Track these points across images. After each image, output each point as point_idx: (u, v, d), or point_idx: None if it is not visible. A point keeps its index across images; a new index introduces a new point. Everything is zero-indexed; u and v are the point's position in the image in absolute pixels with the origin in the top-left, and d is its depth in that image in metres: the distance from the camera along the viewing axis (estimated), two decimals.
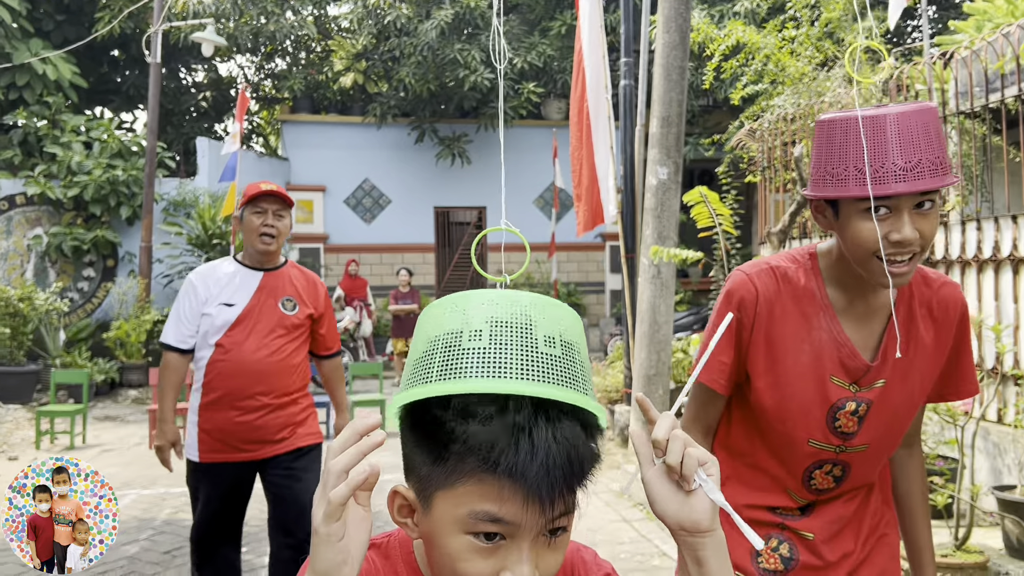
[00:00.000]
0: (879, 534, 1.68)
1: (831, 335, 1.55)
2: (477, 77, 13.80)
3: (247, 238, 3.21)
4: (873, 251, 1.42)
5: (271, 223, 3.19)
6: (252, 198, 3.20)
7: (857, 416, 1.56)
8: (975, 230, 5.10)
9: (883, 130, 1.38)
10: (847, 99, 6.81)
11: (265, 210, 3.19)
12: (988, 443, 4.82)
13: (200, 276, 3.26)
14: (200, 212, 11.93)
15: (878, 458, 1.63)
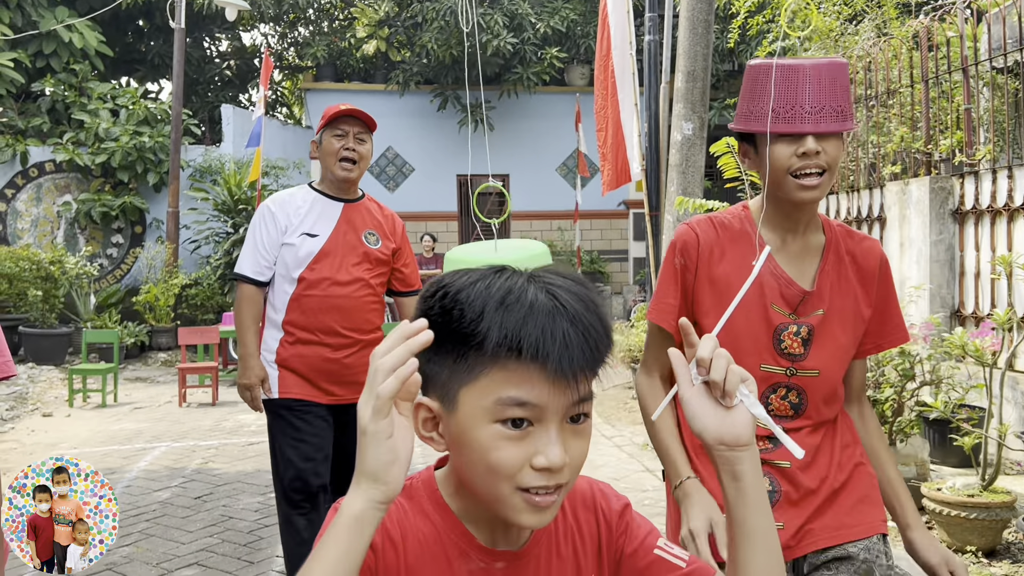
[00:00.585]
0: (854, 462, 1.75)
1: (768, 269, 1.70)
2: (500, 42, 13.71)
3: (326, 163, 2.95)
4: (787, 168, 1.61)
5: (352, 146, 2.92)
6: (331, 119, 2.93)
7: (800, 338, 1.69)
8: (1006, 178, 5.02)
9: (798, 77, 1.60)
10: (876, 54, 6.70)
11: (346, 132, 2.92)
12: (1017, 393, 4.78)
13: (278, 203, 2.98)
14: (226, 178, 12.01)
15: (829, 387, 1.72)
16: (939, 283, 5.49)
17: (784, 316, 1.70)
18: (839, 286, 1.72)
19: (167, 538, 4.23)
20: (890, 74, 6.24)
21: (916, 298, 5.50)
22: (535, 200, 16.85)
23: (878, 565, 1.70)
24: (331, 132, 2.94)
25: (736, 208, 1.82)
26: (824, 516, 1.72)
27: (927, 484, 3.73)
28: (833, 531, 1.71)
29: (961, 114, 5.53)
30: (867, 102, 6.56)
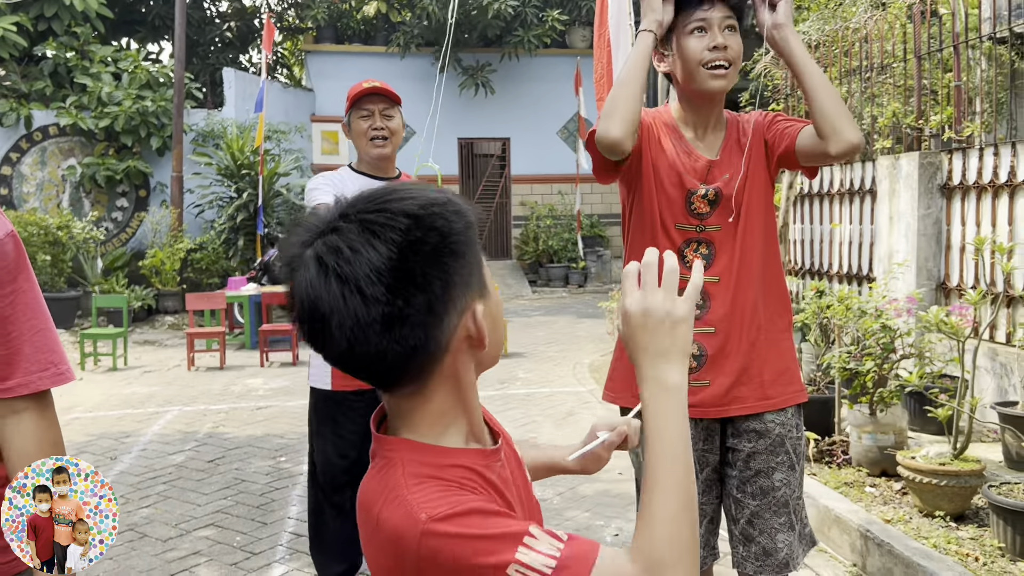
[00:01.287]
0: (779, 333, 2.12)
1: (682, 147, 2.10)
2: (500, 4, 13.69)
3: (358, 144, 2.97)
4: (699, 61, 1.97)
5: (380, 124, 2.92)
6: (355, 100, 2.93)
7: (707, 199, 2.07)
8: (992, 156, 5.16)
9: None
10: (872, 25, 6.77)
11: (371, 112, 2.93)
12: (996, 364, 4.98)
13: (329, 179, 2.96)
14: (228, 143, 12.11)
15: (741, 240, 2.07)
16: (926, 256, 5.65)
17: (694, 182, 2.07)
18: (737, 151, 2.09)
19: (184, 500, 4.46)
20: (884, 47, 6.33)
21: (901, 273, 5.67)
22: (536, 164, 16.94)
23: (789, 437, 2.08)
24: (357, 113, 2.94)
25: (660, 108, 2.22)
26: (750, 383, 2.06)
27: (902, 452, 3.94)
28: (757, 400, 2.05)
29: (952, 90, 5.65)
30: (863, 73, 6.65)
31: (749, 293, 2.07)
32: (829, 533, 3.74)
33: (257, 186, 11.47)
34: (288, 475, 4.86)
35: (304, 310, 0.91)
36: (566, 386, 7.22)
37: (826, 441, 4.60)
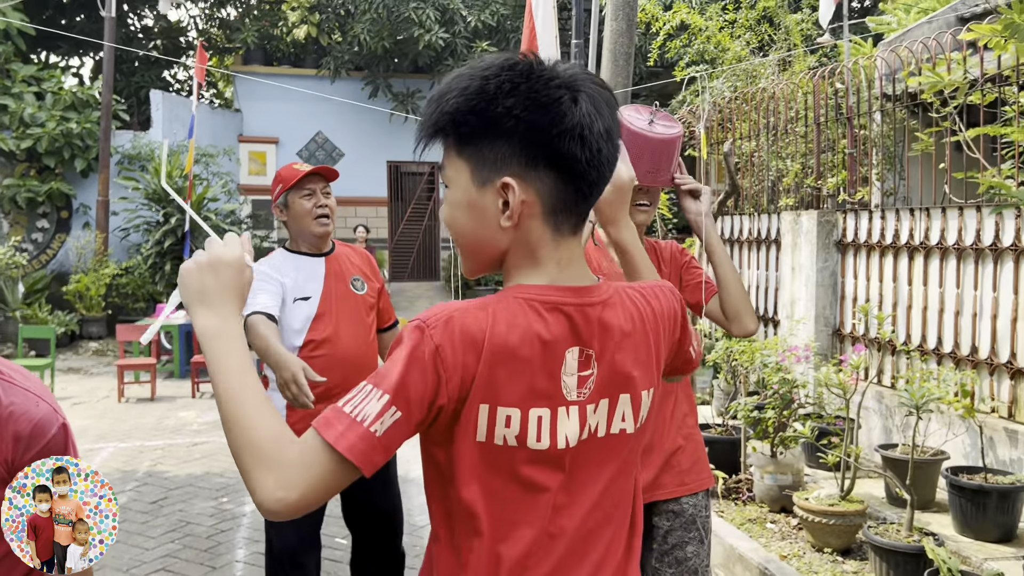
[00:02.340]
0: (691, 430, 2.48)
1: (610, 269, 2.36)
2: (432, 36, 14.02)
3: (300, 224, 2.97)
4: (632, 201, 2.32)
5: (323, 203, 2.98)
6: (297, 182, 2.95)
7: None
8: (879, 219, 5.76)
9: (646, 143, 2.22)
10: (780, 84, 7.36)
11: (313, 191, 2.97)
12: (882, 405, 5.56)
13: (268, 265, 2.95)
14: (156, 167, 12.09)
15: None
16: (823, 305, 6.23)
17: None
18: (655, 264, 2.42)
19: (131, 544, 4.63)
20: (787, 114, 6.93)
21: (802, 323, 6.24)
22: None
23: (699, 516, 2.45)
24: (297, 193, 2.96)
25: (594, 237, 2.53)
26: (670, 472, 2.40)
27: (798, 493, 4.43)
28: (676, 486, 2.40)
29: (846, 157, 6.25)
30: (770, 131, 7.24)
31: (670, 400, 2.44)
32: (734, 569, 4.19)
33: (185, 211, 11.49)
34: (232, 516, 5.07)
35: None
36: None
37: (733, 479, 5.09)
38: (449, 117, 1.12)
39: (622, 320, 1.17)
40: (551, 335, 1.10)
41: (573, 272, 1.15)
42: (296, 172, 2.99)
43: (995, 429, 4.68)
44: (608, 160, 1.12)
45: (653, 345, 1.21)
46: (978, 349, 4.95)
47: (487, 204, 1.11)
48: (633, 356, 1.17)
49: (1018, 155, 4.71)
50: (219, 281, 1.14)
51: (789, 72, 7.62)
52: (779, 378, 4.71)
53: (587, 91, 1.10)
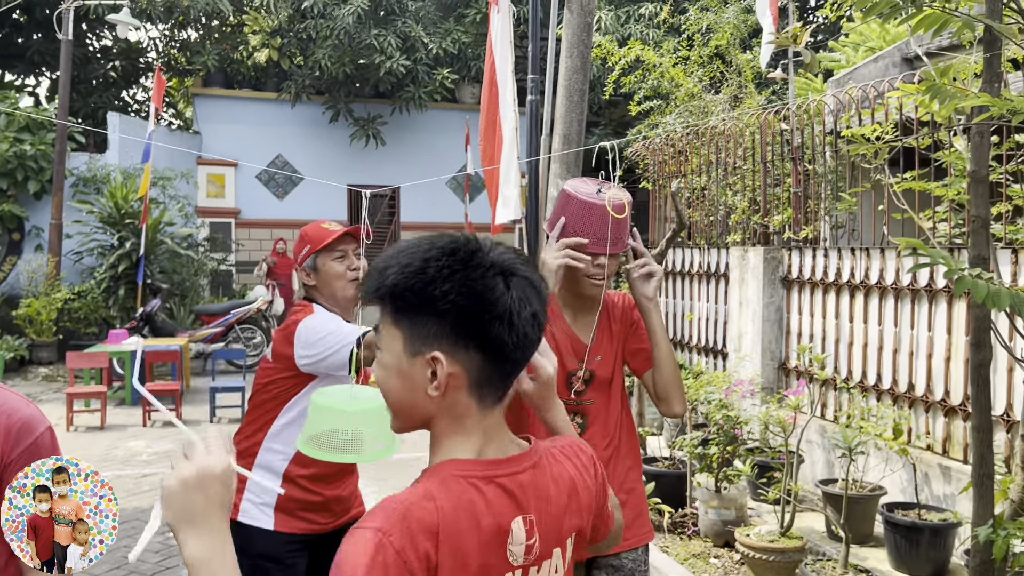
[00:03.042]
0: (633, 485, 2.52)
1: (564, 331, 2.49)
2: (393, 63, 14.11)
3: (332, 287, 2.75)
4: (584, 272, 2.37)
5: (357, 265, 2.79)
6: (329, 244, 2.75)
7: (584, 380, 2.48)
8: (823, 257, 5.93)
9: (598, 212, 2.33)
10: (731, 121, 7.55)
11: (345, 252, 2.78)
12: (825, 439, 5.70)
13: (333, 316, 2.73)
14: (112, 190, 11.97)
15: (607, 410, 2.48)
16: (769, 339, 6.38)
17: (574, 363, 2.46)
18: (608, 336, 2.51)
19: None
20: (736, 152, 7.11)
21: (748, 358, 6.37)
22: (425, 212, 17.36)
23: (638, 570, 2.49)
24: (330, 256, 2.75)
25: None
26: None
27: (740, 529, 4.53)
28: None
29: (791, 196, 6.43)
30: (718, 168, 7.42)
31: (613, 454, 2.48)
32: None
33: (140, 235, 11.39)
34: (176, 552, 5.02)
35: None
36: None
37: (679, 513, 5.17)
38: (388, 290, 1.17)
39: (550, 480, 1.24)
40: (495, 510, 1.15)
41: (500, 439, 1.22)
42: (327, 232, 2.77)
43: (930, 465, 4.82)
44: (533, 342, 1.19)
45: (583, 500, 1.29)
46: (914, 386, 5.11)
47: (416, 373, 1.16)
48: (564, 512, 1.25)
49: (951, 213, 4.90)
50: (207, 498, 1.12)
51: (739, 109, 7.82)
52: (722, 414, 4.81)
53: (520, 276, 1.18)
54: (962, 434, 4.73)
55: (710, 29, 8.79)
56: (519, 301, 1.16)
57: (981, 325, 2.79)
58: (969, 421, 4.67)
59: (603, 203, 2.33)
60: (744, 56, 8.62)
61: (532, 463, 1.22)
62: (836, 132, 6.43)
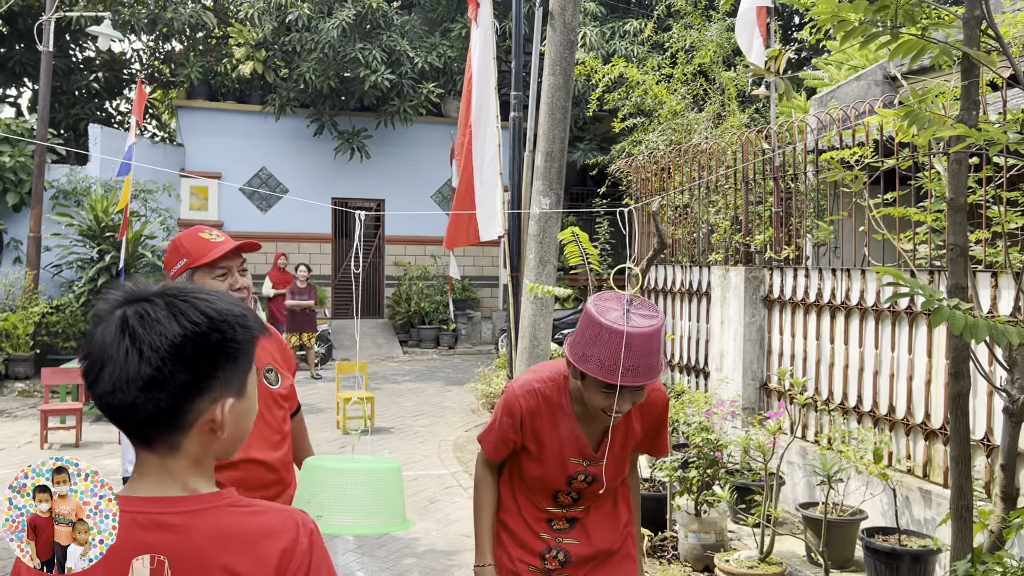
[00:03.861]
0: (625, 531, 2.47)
1: (571, 431, 2.33)
2: (377, 77, 14.07)
3: None
4: (601, 408, 2.19)
5: (241, 284, 2.45)
6: (210, 262, 2.40)
7: (585, 482, 2.36)
8: (804, 277, 5.91)
9: (621, 339, 2.06)
10: (713, 140, 7.54)
11: (228, 269, 2.43)
12: (806, 461, 5.66)
13: None
14: (92, 203, 11.85)
15: (599, 512, 2.40)
16: (751, 359, 6.35)
17: (579, 465, 2.34)
18: (623, 440, 2.33)
19: None
20: (718, 170, 7.10)
21: (730, 378, 6.34)
22: (410, 226, 17.30)
23: None
24: (210, 273, 2.41)
25: (559, 375, 2.36)
26: (601, 570, 2.40)
27: (719, 554, 4.48)
28: None
29: (773, 215, 6.42)
30: (700, 187, 7.41)
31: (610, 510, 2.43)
32: None
33: (120, 248, 11.27)
34: None
35: (92, 352, 1.15)
36: (430, 468, 7.52)
37: (659, 537, 5.11)
38: None
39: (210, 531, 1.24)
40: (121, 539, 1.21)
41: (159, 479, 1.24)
42: (208, 246, 2.41)
43: (911, 489, 4.79)
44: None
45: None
46: (895, 409, 5.08)
47: None
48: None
49: (931, 234, 4.88)
50: None
51: (722, 127, 7.82)
52: (702, 437, 4.77)
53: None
54: (942, 458, 4.70)
55: (693, 47, 8.80)
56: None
57: (960, 355, 2.76)
58: (949, 445, 4.64)
59: (630, 329, 2.06)
60: (727, 74, 8.64)
61: (190, 509, 1.19)
62: (817, 151, 6.43)
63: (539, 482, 2.37)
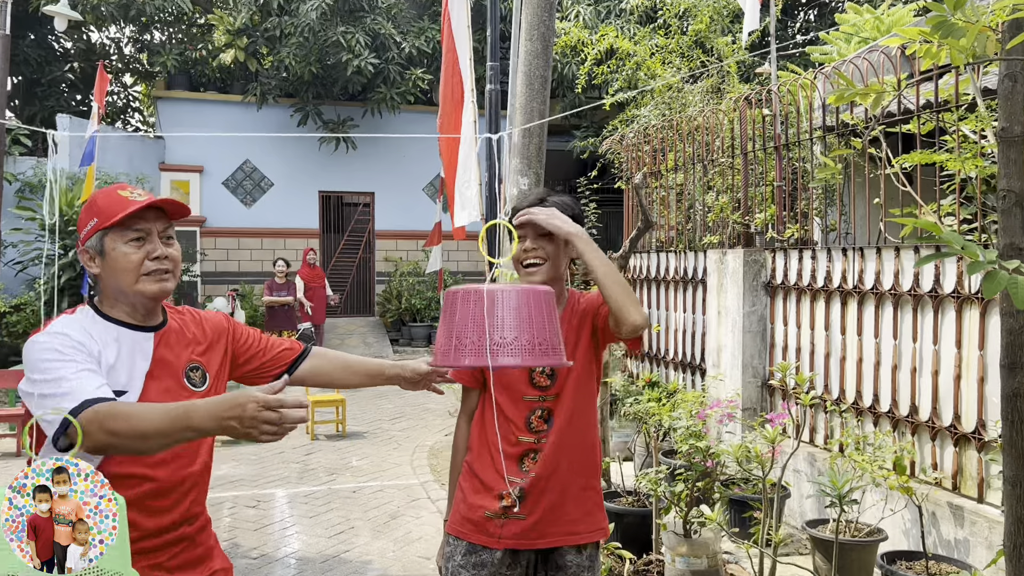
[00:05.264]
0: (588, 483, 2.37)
1: None
2: (361, 62, 13.40)
3: (120, 282, 1.90)
4: (518, 260, 2.36)
5: (162, 252, 1.93)
6: (122, 219, 1.88)
7: (545, 374, 2.33)
8: (810, 259, 5.18)
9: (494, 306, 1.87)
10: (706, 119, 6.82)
11: (147, 233, 1.92)
12: (814, 469, 4.93)
13: (81, 330, 1.84)
14: (59, 196, 11.19)
15: (570, 408, 2.32)
16: (751, 353, 5.62)
17: None
18: (571, 331, 2.33)
19: None
20: (715, 144, 6.37)
21: (727, 374, 5.61)
22: (401, 219, 16.61)
23: (587, 568, 2.36)
24: (122, 236, 1.90)
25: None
26: (560, 521, 2.31)
27: None
28: (564, 535, 2.32)
29: (775, 190, 5.69)
30: (695, 163, 6.68)
31: (569, 455, 2.33)
32: None
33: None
34: None
35: None
36: (399, 477, 6.82)
37: (642, 560, 4.39)
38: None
39: None
40: None
41: None
42: (122, 202, 1.90)
43: (938, 504, 4.06)
44: None
45: None
46: (918, 409, 4.35)
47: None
48: None
49: (959, 188, 4.16)
50: None
51: (720, 99, 7.09)
52: (690, 445, 4.04)
53: None
54: (976, 466, 3.97)
55: (688, 13, 8.06)
56: None
57: (1015, 340, 2.04)
58: (984, 452, 3.91)
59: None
60: (723, 39, 7.89)
61: None
62: (825, 125, 5.70)
63: (500, 385, 2.33)
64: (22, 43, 14.94)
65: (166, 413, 1.63)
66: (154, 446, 1.65)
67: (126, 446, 1.65)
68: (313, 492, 6.34)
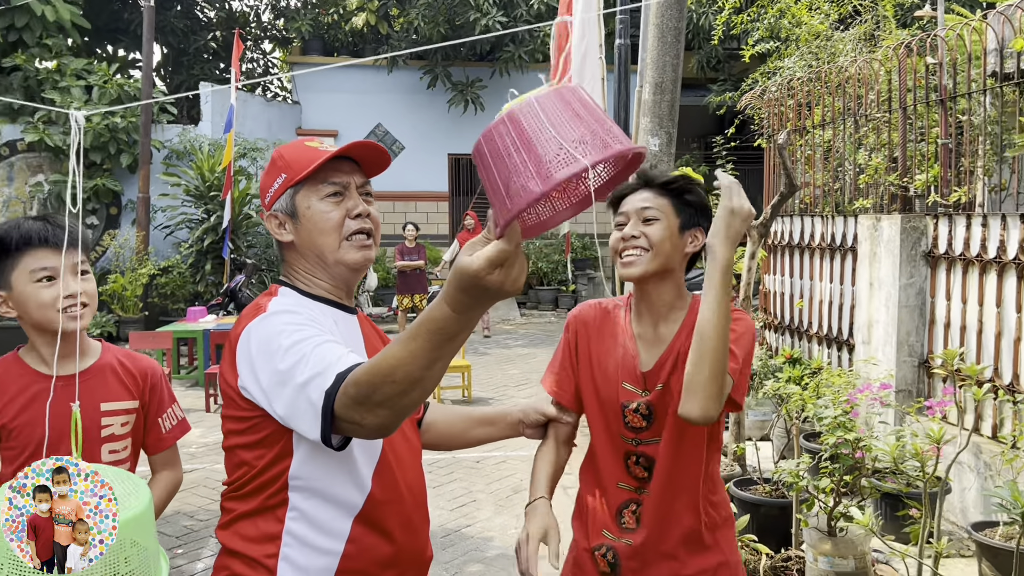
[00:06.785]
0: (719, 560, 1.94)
1: (625, 349, 1.96)
2: (489, 20, 13.18)
3: (324, 245, 1.60)
4: (614, 250, 1.93)
5: (361, 211, 1.62)
6: (315, 171, 1.58)
7: (640, 414, 1.91)
8: (980, 227, 4.59)
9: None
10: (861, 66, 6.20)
11: (343, 187, 1.62)
12: (980, 462, 4.42)
13: (299, 315, 1.52)
14: (199, 162, 11.66)
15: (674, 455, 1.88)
16: (908, 330, 5.08)
17: (632, 392, 1.92)
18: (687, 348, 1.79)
19: None
20: (868, 97, 5.77)
21: (881, 352, 5.11)
22: None
23: None
24: (316, 193, 1.60)
25: (624, 296, 2.06)
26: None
27: None
28: None
29: (939, 149, 5.08)
30: (845, 119, 6.09)
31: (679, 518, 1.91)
32: None
33: (225, 207, 11.02)
34: (179, 574, 4.36)
35: None
36: (523, 447, 6.69)
37: (780, 556, 4.05)
38: None
39: None
40: None
41: None
42: (312, 152, 1.61)
43: None
44: None
45: None
46: None
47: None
48: None
49: None
50: None
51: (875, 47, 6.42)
52: (838, 436, 3.65)
53: None
54: None
55: None
56: None
57: None
58: None
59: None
60: None
61: None
62: (999, 73, 5.01)
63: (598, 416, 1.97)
64: (168, 13, 15.59)
65: (412, 339, 1.21)
66: (429, 385, 1.25)
67: (404, 405, 1.26)
68: (437, 460, 6.30)
